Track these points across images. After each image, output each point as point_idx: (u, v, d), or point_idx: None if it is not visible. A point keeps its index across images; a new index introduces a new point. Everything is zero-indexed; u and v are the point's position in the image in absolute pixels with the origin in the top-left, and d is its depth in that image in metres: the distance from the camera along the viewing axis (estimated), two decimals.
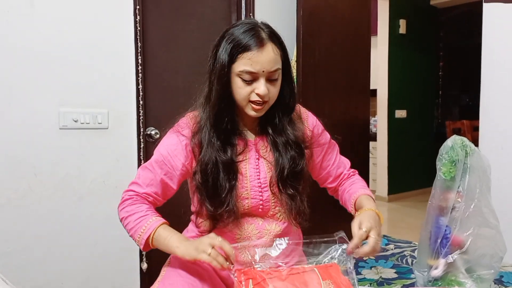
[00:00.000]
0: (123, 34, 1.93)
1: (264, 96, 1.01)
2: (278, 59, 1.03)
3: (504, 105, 2.07)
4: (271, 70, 1.00)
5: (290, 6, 2.50)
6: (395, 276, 1.47)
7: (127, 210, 1.05)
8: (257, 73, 0.99)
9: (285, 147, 1.08)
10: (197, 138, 1.06)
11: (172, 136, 1.09)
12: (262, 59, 0.99)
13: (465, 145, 1.19)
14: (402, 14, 4.80)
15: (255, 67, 0.99)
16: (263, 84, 1.00)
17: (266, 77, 1.01)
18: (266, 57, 0.99)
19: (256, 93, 1.00)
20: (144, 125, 2.04)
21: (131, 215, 1.04)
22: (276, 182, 1.08)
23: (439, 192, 1.20)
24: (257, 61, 0.98)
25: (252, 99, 1.02)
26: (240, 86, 1.01)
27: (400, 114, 4.92)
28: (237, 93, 1.02)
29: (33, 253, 1.75)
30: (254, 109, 1.03)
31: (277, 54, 1.02)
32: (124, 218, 1.06)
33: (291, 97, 1.11)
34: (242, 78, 1.00)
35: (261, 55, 0.99)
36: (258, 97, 1.01)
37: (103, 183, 1.91)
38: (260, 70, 0.99)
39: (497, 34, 2.09)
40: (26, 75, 1.70)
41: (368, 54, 2.84)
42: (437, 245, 1.18)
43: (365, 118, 2.85)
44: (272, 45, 1.01)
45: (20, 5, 1.68)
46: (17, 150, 1.70)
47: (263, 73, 1.00)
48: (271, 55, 1.00)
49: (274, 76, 1.02)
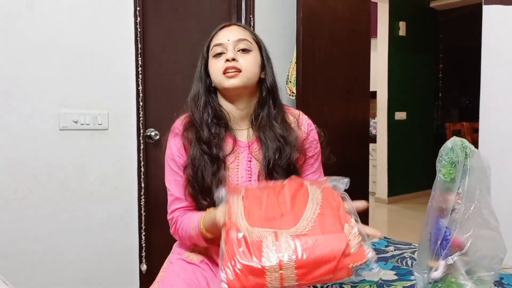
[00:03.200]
0: (123, 35, 1.94)
1: (231, 60, 1.04)
2: (246, 34, 1.10)
3: (504, 106, 2.07)
4: (236, 38, 1.07)
5: (290, 8, 2.50)
6: (395, 277, 1.47)
7: (181, 227, 1.07)
8: (223, 43, 1.07)
9: (272, 140, 1.08)
10: (188, 133, 1.09)
11: (171, 140, 1.12)
12: (227, 32, 1.09)
13: (465, 147, 1.18)
14: (401, 16, 4.81)
15: (221, 38, 1.08)
16: (232, 50, 1.06)
17: (234, 46, 1.07)
18: (231, 30, 1.10)
19: (225, 59, 1.05)
20: (144, 126, 2.04)
21: (182, 227, 1.07)
22: (264, 175, 1.07)
23: (439, 194, 1.19)
24: (223, 34, 1.09)
25: (223, 68, 1.05)
26: (214, 63, 1.08)
27: (400, 116, 4.92)
28: (213, 71, 1.08)
29: (32, 255, 1.75)
30: (230, 75, 1.04)
31: (243, 30, 1.10)
32: (181, 236, 1.08)
33: (274, 87, 1.12)
34: (214, 55, 1.08)
35: (226, 30, 1.10)
36: (228, 63, 1.04)
37: (103, 184, 1.91)
38: (226, 39, 1.07)
39: (497, 36, 2.09)
40: (26, 77, 1.71)
41: (368, 56, 2.84)
42: (437, 246, 1.17)
43: (365, 120, 2.85)
44: (238, 27, 1.11)
45: (20, 7, 1.68)
46: (17, 151, 1.70)
47: (229, 41, 1.07)
48: (236, 29, 1.10)
49: (242, 46, 1.07)
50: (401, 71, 4.86)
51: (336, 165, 2.46)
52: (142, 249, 2.04)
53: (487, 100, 2.14)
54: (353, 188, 1.01)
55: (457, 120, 5.17)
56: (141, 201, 2.01)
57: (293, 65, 2.51)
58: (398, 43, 4.81)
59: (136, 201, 2.01)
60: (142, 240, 2.02)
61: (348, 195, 0.91)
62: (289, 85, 2.53)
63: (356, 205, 0.88)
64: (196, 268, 1.06)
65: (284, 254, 0.75)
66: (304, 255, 0.75)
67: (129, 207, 1.99)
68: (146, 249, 2.04)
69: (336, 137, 2.65)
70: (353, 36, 2.69)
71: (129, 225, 1.99)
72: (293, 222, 0.79)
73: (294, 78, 2.47)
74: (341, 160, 2.58)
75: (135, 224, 2.00)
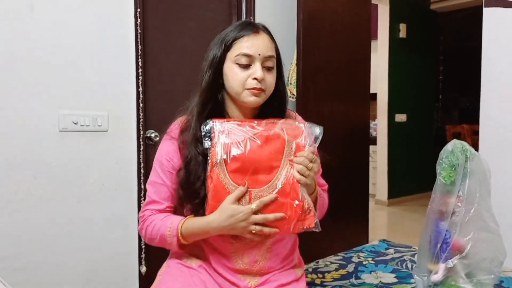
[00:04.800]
0: (123, 36, 1.94)
1: (261, 80, 1.00)
2: (273, 49, 1.05)
3: (505, 109, 2.07)
4: (267, 55, 1.02)
5: (291, 9, 2.50)
6: (395, 280, 1.46)
7: (153, 225, 1.05)
8: (253, 55, 1.00)
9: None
10: (185, 135, 1.06)
11: (165, 142, 1.10)
12: (257, 42, 1.01)
13: (465, 149, 1.18)
14: (402, 18, 4.82)
15: (251, 49, 1.00)
16: (260, 68, 1.01)
17: (262, 62, 1.01)
18: (261, 41, 1.02)
19: (254, 77, 1.00)
20: (144, 128, 2.04)
21: (154, 224, 1.04)
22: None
23: (439, 197, 1.19)
24: (253, 44, 1.01)
25: (248, 86, 1.01)
26: (236, 72, 1.01)
27: (400, 118, 4.92)
28: (233, 80, 1.02)
29: (32, 256, 1.74)
30: (254, 93, 1.01)
31: (271, 43, 1.05)
32: (148, 232, 1.05)
33: (284, 96, 1.11)
34: (239, 63, 1.01)
35: (256, 39, 1.02)
36: (255, 82, 1.00)
37: (103, 185, 1.91)
38: (256, 52, 1.00)
39: (497, 38, 2.09)
40: (26, 78, 1.70)
41: (368, 58, 2.84)
42: (437, 249, 1.17)
43: (365, 122, 2.85)
44: (267, 35, 1.05)
45: (20, 8, 1.68)
46: (17, 152, 1.70)
47: (259, 56, 1.01)
48: (266, 41, 1.03)
49: (269, 64, 1.03)
50: (401, 73, 4.86)
51: (336, 167, 2.47)
52: (142, 250, 2.03)
53: (487, 103, 2.14)
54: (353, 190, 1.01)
55: (457, 122, 5.16)
56: (141, 203, 2.01)
57: (293, 67, 2.51)
58: (398, 45, 4.82)
59: (136, 203, 2.00)
60: (141, 241, 2.02)
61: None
62: (289, 87, 2.53)
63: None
64: (193, 272, 1.06)
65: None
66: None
67: (128, 208, 1.99)
68: (146, 251, 2.04)
69: (336, 139, 2.65)
70: (354, 38, 2.69)
71: (128, 226, 1.99)
72: (268, 176, 0.96)
73: (294, 80, 2.47)
74: (341, 162, 2.61)
75: (134, 226, 1.99)
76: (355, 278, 1.50)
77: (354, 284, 1.45)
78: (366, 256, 1.72)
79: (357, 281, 1.48)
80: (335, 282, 1.47)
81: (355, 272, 1.55)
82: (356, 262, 1.66)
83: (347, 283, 1.46)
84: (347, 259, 1.70)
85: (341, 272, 1.56)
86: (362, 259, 1.69)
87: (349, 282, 1.47)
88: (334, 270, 1.58)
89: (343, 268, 1.59)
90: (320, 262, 1.66)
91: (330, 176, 1.27)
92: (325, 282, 1.47)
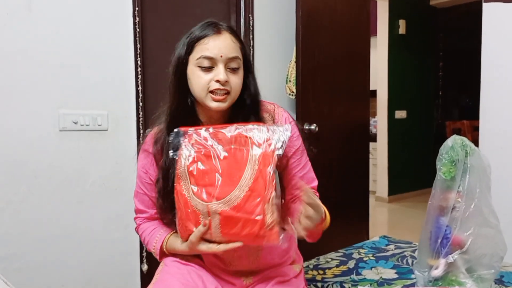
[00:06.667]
0: (122, 35, 1.94)
1: (224, 82, 0.97)
2: (237, 49, 1.01)
3: (504, 105, 2.07)
4: (230, 56, 0.99)
5: (289, 7, 2.50)
6: (395, 276, 1.47)
7: (143, 234, 1.16)
8: (215, 58, 0.97)
9: None
10: (159, 145, 1.05)
11: (140, 155, 1.12)
12: (219, 44, 0.98)
13: (465, 145, 1.18)
14: (401, 15, 4.81)
15: (212, 51, 0.97)
16: (223, 70, 0.98)
17: (225, 64, 0.98)
18: (223, 42, 0.98)
19: (216, 79, 0.97)
20: (144, 127, 2.04)
21: (144, 237, 1.16)
22: None
23: (439, 192, 1.20)
24: (214, 45, 0.98)
25: (212, 89, 0.98)
26: (198, 75, 0.99)
27: (400, 114, 4.92)
28: (196, 83, 0.99)
29: (33, 256, 1.75)
30: (215, 99, 0.98)
31: (235, 43, 1.01)
32: (142, 240, 1.18)
33: (256, 95, 1.08)
34: (200, 66, 0.98)
35: (218, 40, 0.98)
36: (218, 85, 0.97)
37: (103, 185, 1.91)
38: (218, 54, 0.97)
39: (497, 34, 2.09)
40: (25, 78, 1.70)
41: (368, 55, 2.84)
42: (437, 245, 1.17)
43: (365, 119, 2.85)
44: (229, 35, 1.01)
45: (18, 8, 1.68)
46: (17, 152, 1.70)
47: (221, 58, 0.97)
48: (228, 41, 1.00)
49: (234, 65, 1.00)
50: (401, 69, 4.85)
51: (336, 164, 2.46)
52: (143, 249, 2.04)
53: (487, 99, 2.14)
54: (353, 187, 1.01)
55: (458, 119, 5.15)
56: None
57: (292, 64, 2.50)
58: (398, 41, 4.81)
59: None
60: None
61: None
62: (289, 85, 2.53)
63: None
64: (191, 268, 1.06)
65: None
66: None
67: (129, 207, 1.97)
68: (147, 249, 2.04)
69: (336, 136, 2.65)
70: (353, 35, 2.68)
71: (129, 225, 1.99)
72: (229, 188, 0.90)
73: (294, 77, 2.46)
74: (341, 159, 2.60)
75: (134, 225, 1.99)
76: (356, 274, 1.50)
77: (355, 280, 1.45)
78: (367, 252, 1.73)
79: (358, 277, 1.48)
80: (336, 278, 1.47)
81: (355, 268, 1.55)
82: (357, 258, 1.66)
83: (348, 279, 1.46)
84: (347, 255, 1.70)
85: (342, 268, 1.56)
86: (363, 255, 1.69)
87: (350, 278, 1.47)
88: (335, 266, 1.58)
89: (344, 265, 1.60)
90: (321, 259, 1.67)
91: (329, 174, 1.27)
92: (326, 278, 1.47)
